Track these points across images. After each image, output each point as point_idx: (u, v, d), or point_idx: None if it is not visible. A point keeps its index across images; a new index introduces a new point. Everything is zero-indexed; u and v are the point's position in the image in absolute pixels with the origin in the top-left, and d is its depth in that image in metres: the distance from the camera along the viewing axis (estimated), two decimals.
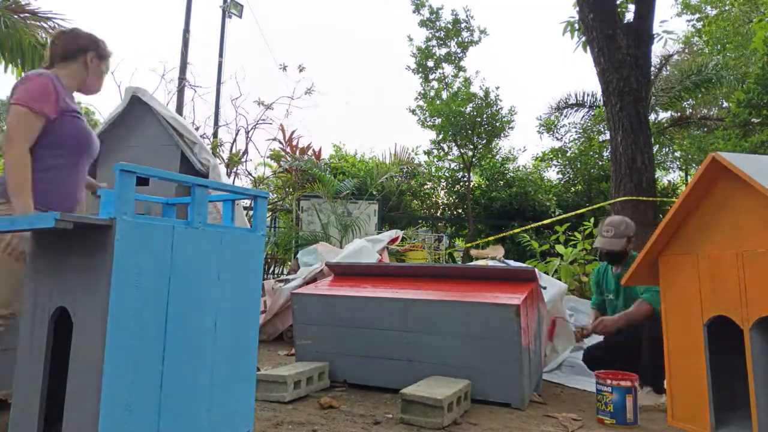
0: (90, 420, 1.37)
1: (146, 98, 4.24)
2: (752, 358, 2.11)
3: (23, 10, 7.30)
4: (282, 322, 4.92)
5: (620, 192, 6.04)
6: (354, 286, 3.39)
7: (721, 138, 8.00)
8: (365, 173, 10.17)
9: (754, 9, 13.40)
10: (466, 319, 2.87)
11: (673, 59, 14.15)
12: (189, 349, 1.60)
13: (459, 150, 11.20)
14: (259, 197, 1.92)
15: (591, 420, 2.68)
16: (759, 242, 2.13)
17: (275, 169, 10.81)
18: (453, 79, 14.10)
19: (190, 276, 1.61)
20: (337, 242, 7.71)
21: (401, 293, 3.13)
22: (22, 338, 1.61)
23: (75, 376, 1.44)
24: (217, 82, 12.49)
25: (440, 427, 2.39)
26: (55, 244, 1.58)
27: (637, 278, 2.77)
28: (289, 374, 2.80)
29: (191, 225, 1.64)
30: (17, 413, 1.58)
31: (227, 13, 13.60)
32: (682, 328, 2.47)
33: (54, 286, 1.55)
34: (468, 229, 10.73)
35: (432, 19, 14.10)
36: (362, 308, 3.15)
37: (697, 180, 2.37)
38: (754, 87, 7.08)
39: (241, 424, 1.77)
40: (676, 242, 2.56)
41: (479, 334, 2.84)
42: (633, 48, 6.20)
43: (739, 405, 2.43)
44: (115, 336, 1.40)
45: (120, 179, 1.46)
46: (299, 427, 2.38)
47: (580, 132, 12.84)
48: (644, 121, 6.21)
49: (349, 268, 3.73)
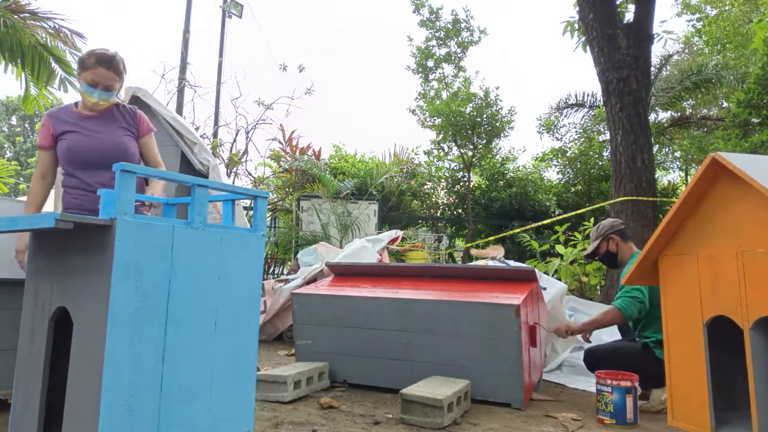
0: (90, 420, 1.37)
1: (146, 98, 4.25)
2: (752, 358, 2.10)
3: (23, 10, 7.29)
4: (282, 322, 4.92)
5: (620, 192, 6.03)
6: (354, 286, 3.39)
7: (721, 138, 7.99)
8: (365, 173, 10.16)
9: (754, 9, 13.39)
10: (466, 319, 2.87)
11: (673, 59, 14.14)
12: (189, 349, 1.60)
13: (459, 150, 11.20)
14: (259, 197, 1.92)
15: (591, 420, 2.68)
16: (759, 242, 2.13)
17: (275, 169, 10.81)
18: (453, 79, 14.11)
19: (190, 276, 1.61)
20: (337, 242, 7.71)
21: (401, 293, 3.13)
22: (22, 338, 1.61)
23: (75, 376, 1.44)
24: (217, 82, 12.51)
25: (440, 427, 2.39)
26: (56, 244, 1.58)
27: (637, 278, 2.77)
28: (289, 374, 2.80)
29: (191, 225, 1.64)
30: (17, 413, 1.58)
31: (227, 13, 13.60)
32: (682, 328, 2.47)
33: (54, 286, 1.55)
34: (468, 229, 10.73)
35: (432, 19, 14.11)
36: (362, 308, 3.15)
37: (697, 180, 2.37)
38: (754, 87, 7.07)
39: (241, 424, 1.77)
40: (676, 242, 2.56)
41: (479, 334, 2.84)
42: (633, 48, 6.19)
43: (739, 405, 2.43)
44: (115, 336, 1.40)
45: (120, 179, 1.46)
46: (299, 427, 2.38)
47: (580, 132, 12.83)
48: (644, 121, 6.21)
49: (349, 268, 3.73)
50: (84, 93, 2.45)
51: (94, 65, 2.40)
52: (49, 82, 7.65)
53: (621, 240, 3.38)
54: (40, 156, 2.51)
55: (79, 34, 7.63)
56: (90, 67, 2.41)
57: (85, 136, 2.45)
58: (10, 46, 7.01)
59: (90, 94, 2.43)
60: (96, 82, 2.42)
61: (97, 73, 2.41)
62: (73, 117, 2.50)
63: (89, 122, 2.50)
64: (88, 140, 2.45)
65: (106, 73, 2.42)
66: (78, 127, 2.47)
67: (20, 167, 27.36)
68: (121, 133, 2.53)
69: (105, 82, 2.43)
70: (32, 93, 7.77)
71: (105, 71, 2.42)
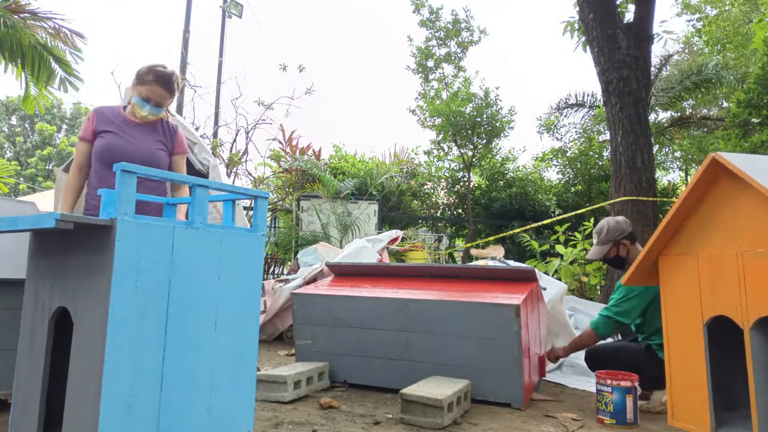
0: (90, 420, 1.37)
1: None
2: (752, 358, 2.10)
3: (23, 10, 7.29)
4: (282, 322, 4.92)
5: (620, 192, 6.04)
6: (354, 286, 3.39)
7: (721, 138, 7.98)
8: (365, 173, 10.15)
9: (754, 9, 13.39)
10: (466, 319, 2.87)
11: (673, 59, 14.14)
12: (189, 349, 1.60)
13: (459, 150, 11.20)
14: (259, 197, 1.92)
15: (591, 420, 2.68)
16: (759, 242, 2.13)
17: (275, 169, 10.81)
18: (453, 79, 14.11)
19: (190, 276, 1.61)
20: (337, 242, 7.71)
21: (401, 293, 3.13)
22: (22, 338, 1.61)
23: (75, 376, 1.44)
24: (217, 82, 12.51)
25: (440, 427, 2.39)
26: (56, 244, 1.58)
27: (637, 278, 2.77)
28: (289, 374, 2.80)
29: (191, 225, 1.64)
30: (17, 413, 1.58)
31: (227, 13, 13.60)
32: (682, 328, 2.47)
33: (54, 286, 1.55)
34: (468, 229, 10.72)
35: (432, 19, 14.11)
36: (362, 308, 3.15)
37: (697, 180, 2.37)
38: (754, 87, 7.07)
39: (241, 424, 1.77)
40: (676, 242, 2.56)
41: (479, 334, 2.84)
42: (633, 48, 6.19)
43: (739, 405, 2.43)
44: (115, 336, 1.40)
45: (120, 179, 1.46)
46: (299, 427, 2.38)
47: (580, 132, 12.83)
48: (644, 121, 6.21)
49: (349, 268, 3.73)
50: (136, 105, 2.54)
51: (151, 82, 2.48)
52: (49, 82, 7.65)
53: (630, 243, 3.27)
54: (78, 148, 2.59)
55: (79, 34, 7.62)
56: (147, 83, 2.49)
57: (123, 139, 2.53)
58: (10, 46, 7.00)
59: (141, 108, 2.52)
60: (149, 98, 2.50)
61: (153, 90, 2.49)
62: (118, 119, 2.58)
63: (131, 128, 2.58)
64: (125, 144, 2.53)
65: (161, 92, 2.50)
66: (119, 129, 2.55)
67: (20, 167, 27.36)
68: (156, 145, 2.60)
69: (158, 99, 2.52)
70: (32, 93, 7.76)
71: (160, 89, 2.50)
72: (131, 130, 2.58)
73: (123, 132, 2.56)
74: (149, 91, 2.49)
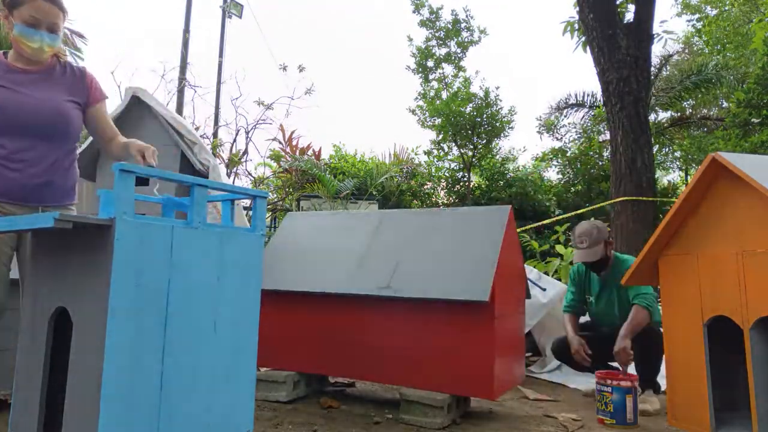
0: (90, 419, 1.37)
1: (146, 98, 4.24)
2: (752, 358, 2.10)
3: None
4: None
5: (620, 192, 6.04)
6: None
7: (721, 138, 7.99)
8: (365, 173, 10.16)
9: (754, 9, 13.39)
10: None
11: (673, 59, 14.16)
12: (188, 348, 1.60)
13: (459, 150, 11.20)
14: (258, 197, 1.92)
15: (591, 420, 2.68)
16: (759, 242, 2.13)
17: (275, 169, 10.81)
18: (453, 79, 14.12)
19: (189, 276, 1.61)
20: None
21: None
22: (22, 338, 1.61)
23: (75, 376, 1.44)
24: (217, 82, 12.51)
25: (440, 427, 2.39)
26: (55, 244, 1.58)
27: (637, 278, 2.77)
28: (289, 374, 2.80)
29: (191, 225, 1.64)
30: (17, 413, 1.58)
31: (227, 13, 13.61)
32: (682, 328, 2.47)
33: (54, 286, 1.55)
34: None
35: (432, 19, 14.13)
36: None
37: (697, 180, 2.37)
38: (754, 87, 7.07)
39: (241, 424, 1.77)
40: (676, 242, 2.56)
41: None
42: (633, 48, 6.20)
43: (739, 405, 2.43)
44: (115, 336, 1.40)
45: (119, 179, 1.46)
46: (299, 427, 2.38)
47: (580, 132, 12.84)
48: (644, 121, 6.22)
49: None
50: (21, 37, 1.86)
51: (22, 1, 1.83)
52: None
53: (611, 244, 3.37)
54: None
55: (79, 34, 7.65)
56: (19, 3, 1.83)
57: (16, 93, 1.88)
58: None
59: (30, 38, 1.86)
60: (37, 19, 1.85)
61: (37, 6, 1.83)
62: (2, 69, 1.91)
63: (23, 77, 1.92)
64: (21, 99, 1.88)
65: (47, 6, 1.85)
66: (8, 81, 1.89)
67: None
68: (63, 98, 1.96)
69: (48, 18, 1.87)
70: None
71: (46, 3, 1.85)
72: (25, 80, 1.91)
73: (14, 84, 1.88)
74: (33, 8, 1.82)
